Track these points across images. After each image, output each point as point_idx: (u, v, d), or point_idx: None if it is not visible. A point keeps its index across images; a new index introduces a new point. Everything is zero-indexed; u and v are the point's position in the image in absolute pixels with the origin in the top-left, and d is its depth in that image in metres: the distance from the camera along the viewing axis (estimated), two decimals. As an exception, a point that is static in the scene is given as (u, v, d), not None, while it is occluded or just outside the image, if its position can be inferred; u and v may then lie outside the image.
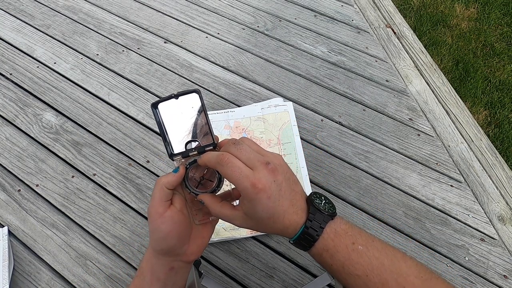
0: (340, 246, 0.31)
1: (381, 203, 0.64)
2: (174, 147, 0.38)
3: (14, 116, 0.73)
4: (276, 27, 0.90)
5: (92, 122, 0.73)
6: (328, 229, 0.32)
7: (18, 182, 0.65)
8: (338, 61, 0.83)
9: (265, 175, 0.30)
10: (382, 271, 0.30)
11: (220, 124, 0.70)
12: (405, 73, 0.85)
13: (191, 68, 0.81)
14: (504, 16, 1.71)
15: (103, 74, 0.80)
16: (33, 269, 0.57)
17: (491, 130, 1.37)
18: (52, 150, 0.69)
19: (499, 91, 1.47)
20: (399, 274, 0.30)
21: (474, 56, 1.57)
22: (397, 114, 0.75)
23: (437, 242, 0.61)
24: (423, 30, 1.65)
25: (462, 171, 0.70)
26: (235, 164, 0.31)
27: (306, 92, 0.78)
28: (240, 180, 0.30)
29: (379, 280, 0.30)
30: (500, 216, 0.65)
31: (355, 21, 0.92)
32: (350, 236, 0.32)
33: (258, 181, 0.30)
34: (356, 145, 0.71)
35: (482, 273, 0.58)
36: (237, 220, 0.33)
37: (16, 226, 0.61)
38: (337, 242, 0.32)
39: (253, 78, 0.80)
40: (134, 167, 0.67)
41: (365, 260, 0.31)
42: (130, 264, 0.58)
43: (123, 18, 0.90)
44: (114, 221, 0.62)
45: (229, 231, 0.60)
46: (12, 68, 0.80)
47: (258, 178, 0.30)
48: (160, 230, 0.34)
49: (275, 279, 0.57)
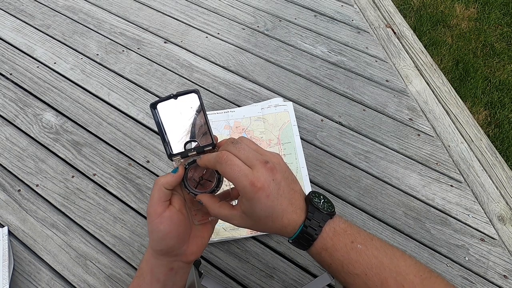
0: (339, 245, 0.31)
1: (381, 203, 0.64)
2: (173, 148, 0.38)
3: (14, 116, 0.73)
4: (276, 27, 0.90)
5: (92, 122, 0.73)
6: (327, 228, 0.32)
7: (18, 182, 0.65)
8: (338, 61, 0.83)
9: (264, 174, 0.30)
10: (381, 270, 0.30)
11: (220, 124, 0.70)
12: (405, 73, 0.85)
13: (191, 68, 0.81)
14: (504, 16, 1.71)
15: (103, 74, 0.80)
16: (33, 269, 0.57)
17: (491, 130, 1.37)
18: (52, 150, 0.69)
19: (499, 91, 1.47)
20: (398, 272, 0.30)
21: (474, 56, 1.57)
22: (397, 114, 0.75)
23: (437, 242, 0.61)
24: (423, 30, 1.65)
25: (462, 171, 0.70)
26: (234, 163, 0.30)
27: (306, 92, 0.78)
28: (239, 178, 0.30)
29: (378, 279, 0.30)
30: (500, 216, 0.65)
31: (355, 21, 0.92)
32: (349, 235, 0.32)
33: (257, 179, 0.30)
34: (356, 145, 0.71)
35: (482, 273, 0.58)
36: (236, 220, 0.33)
37: (16, 226, 0.61)
38: (336, 241, 0.31)
39: (253, 78, 0.80)
40: (134, 167, 0.67)
41: (364, 259, 0.31)
42: (130, 264, 0.58)
43: (123, 18, 0.90)
44: (114, 221, 0.62)
45: (229, 231, 0.60)
46: (12, 68, 0.80)
47: (257, 176, 0.30)
48: (159, 230, 0.34)
49: (275, 279, 0.57)
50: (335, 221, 0.33)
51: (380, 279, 0.30)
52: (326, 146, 0.70)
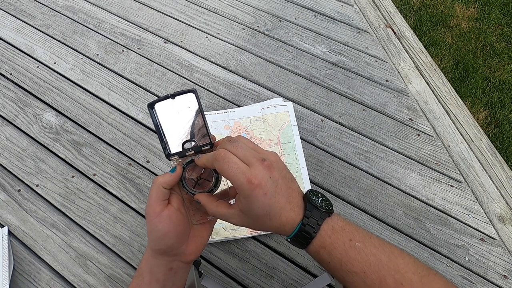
0: (337, 243, 0.31)
1: (381, 203, 0.64)
2: (171, 147, 0.38)
3: (14, 116, 0.73)
4: (276, 27, 0.90)
5: (92, 122, 0.73)
6: (325, 226, 0.32)
7: (18, 182, 0.65)
8: (338, 61, 0.83)
9: (261, 171, 0.30)
10: (380, 268, 0.30)
11: (220, 124, 0.70)
12: (405, 73, 0.85)
13: (191, 68, 0.81)
14: (504, 16, 1.71)
15: (103, 74, 0.80)
16: (33, 269, 0.57)
17: (491, 130, 1.37)
18: (52, 150, 0.69)
19: (499, 91, 1.47)
20: (397, 270, 0.30)
21: (474, 56, 1.57)
22: (397, 114, 0.75)
23: (437, 242, 0.61)
24: (423, 30, 1.65)
25: (462, 171, 0.70)
26: (232, 160, 0.30)
27: (306, 92, 0.78)
28: (236, 176, 0.30)
29: (377, 277, 0.30)
30: (500, 216, 0.65)
31: (355, 21, 0.92)
32: (347, 232, 0.32)
33: (254, 177, 0.30)
34: (356, 145, 0.71)
35: (482, 273, 0.58)
36: (234, 218, 0.33)
37: (16, 226, 0.61)
38: (334, 239, 0.31)
39: (253, 78, 0.80)
40: (134, 167, 0.67)
41: (363, 257, 0.31)
42: (130, 264, 0.58)
43: (123, 18, 0.90)
44: (114, 221, 0.62)
45: (229, 231, 0.60)
46: (12, 68, 0.80)
47: (254, 174, 0.30)
48: (157, 229, 0.34)
49: (275, 279, 0.57)
50: (333, 219, 0.33)
51: (378, 277, 0.30)
52: (326, 146, 0.70)
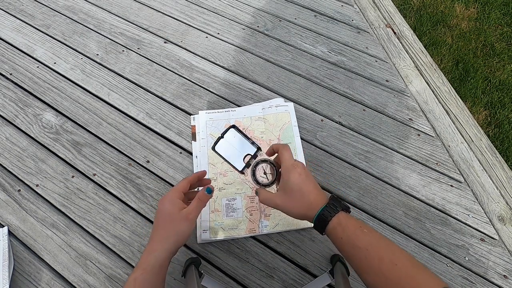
0: (350, 226, 0.41)
1: (381, 203, 0.64)
2: (238, 166, 0.64)
3: (14, 116, 0.73)
4: (276, 27, 0.90)
5: (92, 122, 0.73)
6: (341, 214, 0.42)
7: (18, 182, 0.65)
8: (338, 61, 0.83)
9: (300, 163, 0.46)
10: (380, 249, 0.38)
11: (221, 123, 0.70)
12: (405, 73, 0.85)
13: (191, 68, 0.81)
14: (504, 16, 1.71)
15: (103, 74, 0.80)
16: (33, 269, 0.57)
17: (491, 130, 1.37)
18: (52, 150, 0.69)
19: (499, 91, 1.47)
20: (394, 254, 0.37)
21: (474, 56, 1.57)
22: (397, 114, 0.75)
23: (437, 242, 0.61)
24: (423, 30, 1.65)
25: (462, 171, 0.70)
26: (289, 150, 0.48)
27: (306, 92, 0.78)
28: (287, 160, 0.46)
29: (377, 255, 0.37)
30: (500, 216, 0.65)
31: (355, 21, 0.92)
32: (358, 222, 0.42)
33: (296, 163, 0.46)
34: (356, 145, 0.71)
35: (482, 273, 0.58)
36: (277, 197, 0.46)
37: (16, 226, 0.61)
38: (348, 222, 0.41)
39: (253, 78, 0.80)
40: (134, 167, 0.67)
41: (368, 239, 0.39)
42: (130, 264, 0.58)
43: (123, 18, 0.90)
44: (114, 221, 0.62)
45: (228, 231, 0.60)
46: (12, 68, 0.80)
47: (296, 163, 0.46)
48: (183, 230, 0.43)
49: (275, 279, 0.57)
50: (348, 215, 0.43)
51: (378, 255, 0.37)
52: (326, 146, 0.70)
